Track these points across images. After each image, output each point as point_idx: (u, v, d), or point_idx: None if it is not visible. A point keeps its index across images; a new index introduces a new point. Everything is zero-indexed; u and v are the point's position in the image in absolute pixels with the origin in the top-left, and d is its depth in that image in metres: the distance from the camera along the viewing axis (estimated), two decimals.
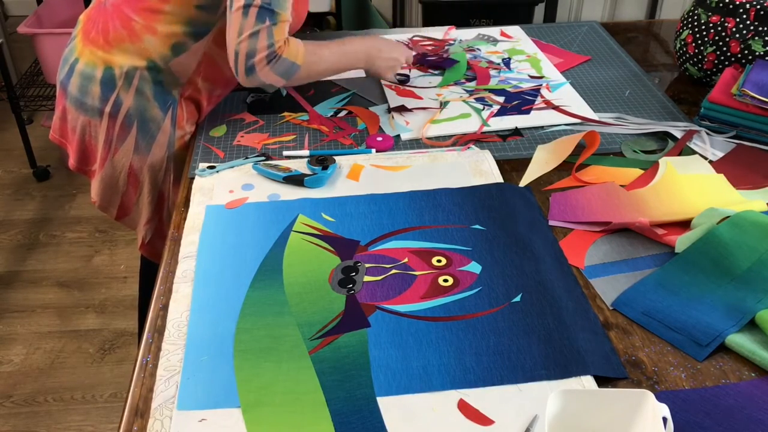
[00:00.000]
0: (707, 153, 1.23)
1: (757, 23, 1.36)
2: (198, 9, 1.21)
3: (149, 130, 1.28)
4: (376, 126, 1.32)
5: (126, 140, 1.28)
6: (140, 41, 1.23)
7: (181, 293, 0.93)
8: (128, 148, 1.29)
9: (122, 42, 1.24)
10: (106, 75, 1.25)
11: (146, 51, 1.23)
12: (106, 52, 1.25)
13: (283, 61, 1.16)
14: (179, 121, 1.30)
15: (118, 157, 1.30)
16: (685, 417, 0.76)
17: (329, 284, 0.94)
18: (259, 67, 1.15)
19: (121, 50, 1.24)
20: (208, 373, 0.82)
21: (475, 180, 1.15)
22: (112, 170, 1.32)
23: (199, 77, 1.28)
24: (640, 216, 1.04)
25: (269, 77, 1.17)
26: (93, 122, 1.29)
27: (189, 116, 1.31)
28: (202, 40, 1.24)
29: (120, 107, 1.26)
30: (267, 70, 1.16)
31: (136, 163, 1.30)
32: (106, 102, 1.26)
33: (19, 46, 3.52)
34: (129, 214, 1.39)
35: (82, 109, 1.29)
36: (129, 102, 1.25)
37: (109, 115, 1.26)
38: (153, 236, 1.39)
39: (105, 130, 1.28)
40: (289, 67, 1.18)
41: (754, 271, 0.93)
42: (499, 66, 1.54)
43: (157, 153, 1.30)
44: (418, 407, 0.78)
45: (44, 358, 2.03)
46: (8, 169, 2.87)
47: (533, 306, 0.90)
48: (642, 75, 1.51)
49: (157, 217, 1.38)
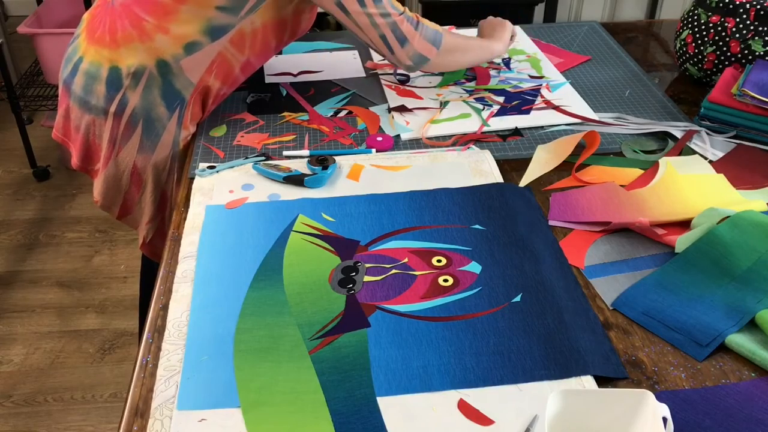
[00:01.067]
0: (707, 153, 1.23)
1: (757, 23, 1.36)
2: (218, 10, 1.20)
3: (154, 129, 1.27)
4: (376, 126, 1.32)
5: (131, 139, 1.28)
6: (151, 40, 1.22)
7: (181, 293, 0.93)
8: (132, 147, 1.29)
9: (131, 41, 1.23)
10: (112, 74, 1.24)
11: (157, 50, 1.22)
12: (113, 50, 1.24)
13: (426, 27, 1.26)
14: (185, 122, 1.29)
15: (122, 156, 1.30)
16: (685, 417, 0.76)
17: (329, 284, 0.94)
18: (408, 33, 1.24)
19: (130, 49, 1.23)
20: (208, 373, 0.82)
21: (475, 180, 1.15)
22: (115, 169, 1.32)
23: (210, 76, 1.27)
24: (640, 216, 1.05)
25: (421, 44, 1.26)
26: (98, 121, 1.29)
27: (194, 116, 1.31)
28: (218, 41, 1.23)
29: (126, 106, 1.25)
30: (417, 35, 1.25)
31: (140, 162, 1.30)
32: (112, 101, 1.25)
33: (19, 46, 3.53)
34: (131, 213, 1.39)
35: (86, 108, 1.28)
36: (135, 101, 1.25)
37: (114, 114, 1.26)
38: (154, 235, 1.39)
39: (109, 129, 1.28)
40: (434, 35, 1.27)
41: (754, 271, 0.93)
42: (499, 66, 1.54)
43: (162, 152, 1.29)
44: (418, 407, 0.78)
45: (44, 358, 2.03)
46: (8, 169, 2.87)
47: (533, 306, 0.90)
48: (642, 75, 1.51)
49: (159, 216, 1.37)
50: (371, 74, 1.52)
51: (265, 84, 1.48)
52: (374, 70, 1.53)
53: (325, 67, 1.55)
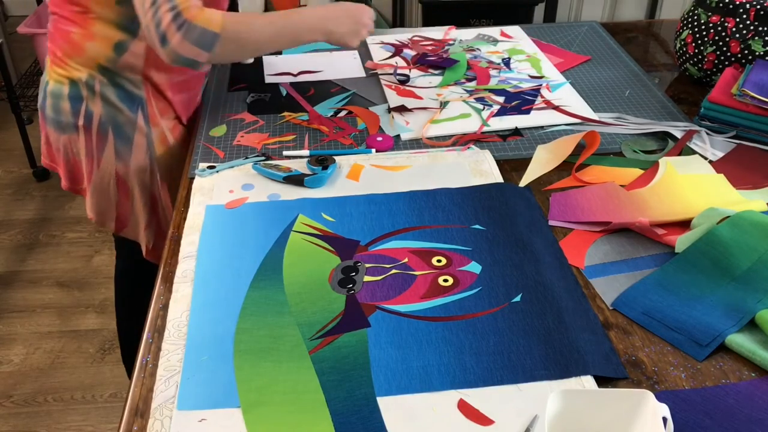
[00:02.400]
0: (707, 153, 1.23)
1: (757, 23, 1.36)
2: (119, 5, 1.19)
3: (125, 134, 1.28)
4: (376, 126, 1.32)
5: (106, 149, 1.28)
6: (84, 50, 1.22)
7: (181, 293, 0.93)
8: (110, 157, 1.29)
9: (71, 55, 1.24)
10: (72, 90, 1.25)
11: (94, 58, 1.23)
12: (64, 67, 1.25)
13: (194, 28, 1.09)
14: (152, 119, 1.29)
15: (103, 167, 1.30)
16: (685, 417, 0.76)
17: (329, 284, 0.94)
18: (170, 34, 1.08)
19: (74, 63, 1.24)
20: (208, 373, 0.82)
21: (475, 180, 1.15)
22: (100, 182, 1.32)
23: (151, 69, 1.26)
24: (640, 216, 1.05)
25: (184, 48, 1.10)
26: (72, 138, 1.29)
27: (162, 111, 1.30)
28: (140, 34, 1.21)
29: (92, 118, 1.26)
30: (179, 38, 1.08)
31: (121, 169, 1.30)
32: (78, 115, 1.26)
33: (19, 46, 3.52)
34: (127, 225, 1.39)
35: (60, 128, 1.29)
36: (99, 110, 1.25)
37: (84, 128, 1.27)
38: (156, 240, 1.39)
39: (84, 144, 1.28)
40: (203, 35, 1.10)
41: (754, 271, 0.93)
42: (499, 66, 1.54)
43: (139, 155, 1.29)
44: (418, 407, 0.78)
45: (44, 358, 2.03)
46: (8, 169, 2.87)
47: (533, 306, 0.90)
48: (642, 75, 1.51)
49: (154, 220, 1.37)
50: (371, 74, 1.52)
51: (265, 84, 1.48)
52: (374, 70, 1.53)
53: (325, 67, 1.55)
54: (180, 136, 1.36)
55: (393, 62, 1.56)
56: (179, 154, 1.34)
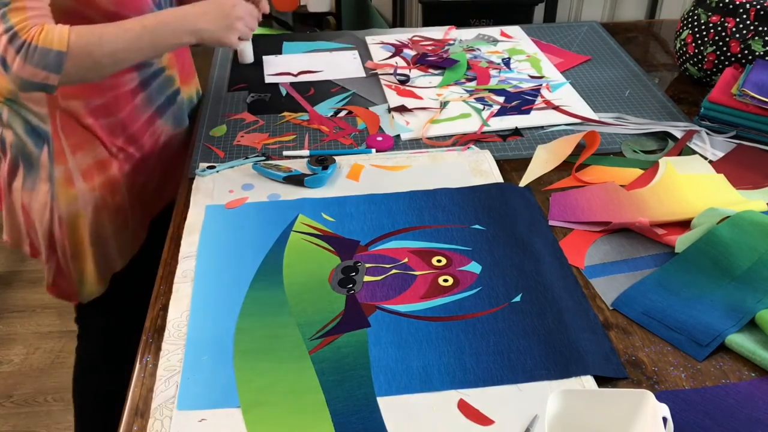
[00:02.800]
0: (707, 153, 1.23)
1: (757, 23, 1.36)
2: None
3: (32, 166, 1.20)
4: (376, 126, 1.32)
5: (17, 176, 1.22)
6: None
7: (181, 293, 0.93)
8: (18, 185, 1.23)
9: None
10: None
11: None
12: None
13: (34, 49, 0.98)
14: (57, 157, 1.18)
15: (13, 193, 1.24)
16: (685, 417, 0.76)
17: (329, 284, 0.94)
18: (9, 59, 0.98)
19: None
20: (208, 373, 0.82)
21: (475, 180, 1.15)
22: (10, 205, 1.26)
23: (58, 99, 1.14)
24: (640, 216, 1.04)
25: (27, 71, 0.99)
26: None
27: (77, 146, 1.18)
28: None
29: (5, 144, 1.21)
30: (19, 62, 0.98)
31: (26, 199, 1.23)
32: None
33: None
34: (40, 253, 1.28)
35: None
36: (10, 139, 1.20)
37: (2, 152, 1.22)
38: (56, 278, 1.28)
39: (3, 167, 1.24)
40: (46, 56, 0.99)
41: (754, 271, 0.93)
42: (499, 66, 1.54)
43: (42, 190, 1.20)
44: (418, 407, 0.78)
45: (44, 358, 2.03)
46: None
47: (533, 306, 0.90)
48: (642, 75, 1.51)
49: (54, 258, 1.25)
50: (371, 74, 1.52)
51: (265, 84, 1.48)
52: (374, 70, 1.53)
53: (325, 67, 1.55)
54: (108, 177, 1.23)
55: (393, 62, 1.56)
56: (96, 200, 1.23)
